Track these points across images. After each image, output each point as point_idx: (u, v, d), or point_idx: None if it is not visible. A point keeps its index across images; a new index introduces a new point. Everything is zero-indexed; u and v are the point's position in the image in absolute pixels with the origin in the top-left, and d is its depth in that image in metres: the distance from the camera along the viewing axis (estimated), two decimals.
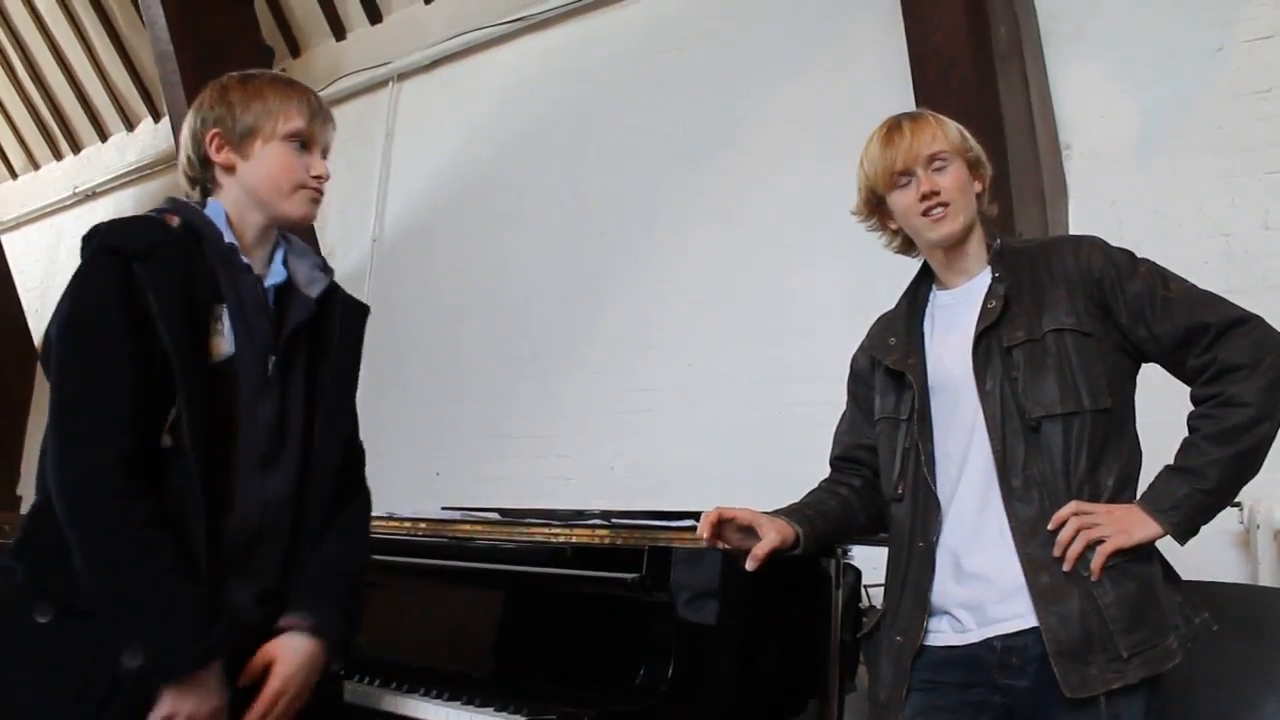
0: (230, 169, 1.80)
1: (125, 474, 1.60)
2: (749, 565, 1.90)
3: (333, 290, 1.89)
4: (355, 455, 1.95)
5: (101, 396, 1.63)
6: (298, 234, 1.92)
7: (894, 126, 1.93)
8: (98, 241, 1.70)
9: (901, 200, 1.91)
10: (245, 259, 1.79)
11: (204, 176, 1.83)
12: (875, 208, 1.98)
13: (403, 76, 5.55)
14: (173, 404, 1.64)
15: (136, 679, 1.57)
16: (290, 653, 1.71)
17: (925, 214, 1.88)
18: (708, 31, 4.37)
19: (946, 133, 1.91)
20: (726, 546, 1.97)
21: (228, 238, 1.78)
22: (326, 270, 1.90)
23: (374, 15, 5.71)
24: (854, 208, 2.01)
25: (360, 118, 5.74)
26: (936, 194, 1.87)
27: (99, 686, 1.60)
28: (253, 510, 1.73)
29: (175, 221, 1.76)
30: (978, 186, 1.94)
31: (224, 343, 1.72)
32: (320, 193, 1.85)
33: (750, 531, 1.94)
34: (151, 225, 1.75)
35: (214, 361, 1.70)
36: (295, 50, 6.10)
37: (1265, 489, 1.81)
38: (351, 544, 1.86)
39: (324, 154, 1.86)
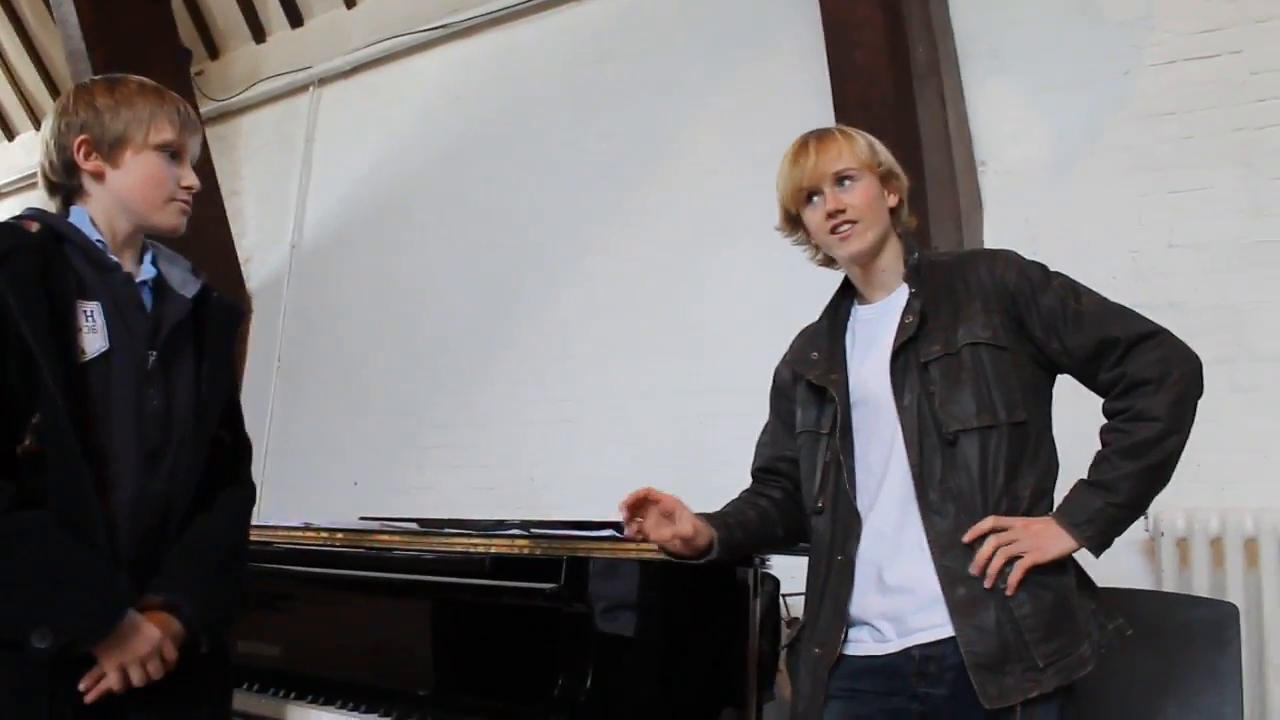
0: (99, 176, 1.77)
1: None
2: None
3: (206, 291, 1.88)
4: (238, 449, 1.94)
5: None
6: (181, 240, 1.89)
7: (801, 146, 1.95)
8: None
9: (812, 218, 1.94)
10: (114, 258, 1.77)
11: (69, 183, 1.79)
12: (795, 224, 2.00)
13: (323, 81, 5.48)
14: (35, 408, 1.61)
15: (57, 653, 1.55)
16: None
17: (833, 231, 1.90)
18: (630, 44, 4.39)
19: (854, 149, 1.93)
20: (638, 533, 1.94)
21: (95, 237, 1.76)
22: (198, 275, 1.89)
23: (295, 19, 5.64)
24: (777, 223, 2.03)
25: (280, 122, 5.65)
26: (842, 212, 1.89)
27: (62, 711, 1.58)
28: (143, 501, 1.71)
29: (34, 227, 1.73)
30: (893, 199, 1.95)
31: (96, 339, 1.70)
32: (189, 204, 1.84)
33: (669, 519, 1.92)
34: (8, 230, 1.72)
35: (85, 360, 1.68)
36: (214, 52, 5.99)
37: (1169, 499, 1.86)
38: (221, 525, 1.82)
39: (192, 163, 1.84)
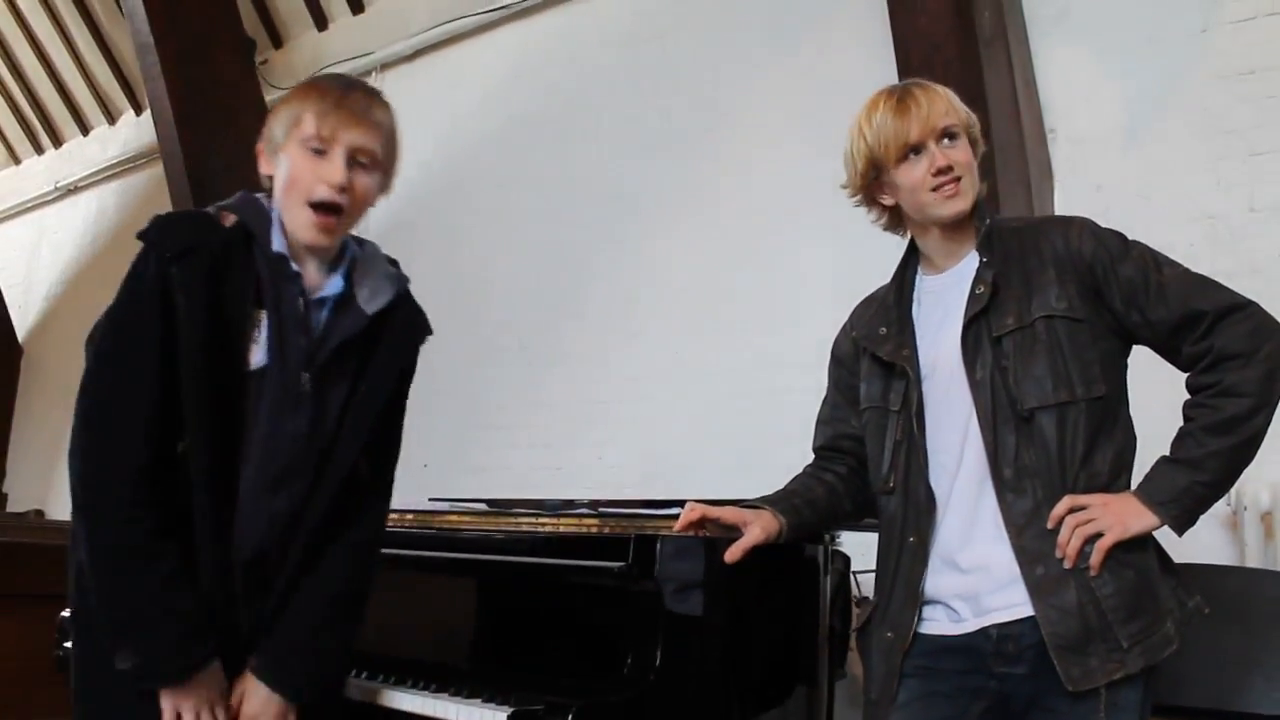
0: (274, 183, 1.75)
1: (136, 484, 1.60)
2: (727, 558, 1.89)
3: (399, 303, 1.80)
4: (377, 482, 1.89)
5: (124, 408, 1.61)
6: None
7: (906, 94, 1.83)
8: (146, 238, 1.66)
9: (910, 174, 1.82)
10: (295, 267, 1.71)
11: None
12: (871, 181, 1.88)
13: (385, 66, 5.51)
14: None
15: (131, 679, 1.61)
16: (254, 696, 1.70)
17: (936, 189, 1.80)
18: (689, 18, 4.35)
19: (955, 105, 1.84)
20: (708, 534, 1.96)
21: (276, 245, 1.70)
22: (398, 281, 1.80)
23: (356, 5, 5.69)
24: (845, 181, 1.91)
25: None
26: (950, 169, 1.80)
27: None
28: (259, 526, 1.68)
29: (230, 221, 1.70)
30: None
31: (259, 351, 1.66)
32: (330, 207, 1.68)
33: (734, 528, 1.92)
34: (199, 224, 1.69)
35: (249, 370, 1.65)
36: (277, 41, 6.05)
37: (1252, 471, 1.79)
38: (337, 573, 1.77)
39: (354, 156, 1.69)
